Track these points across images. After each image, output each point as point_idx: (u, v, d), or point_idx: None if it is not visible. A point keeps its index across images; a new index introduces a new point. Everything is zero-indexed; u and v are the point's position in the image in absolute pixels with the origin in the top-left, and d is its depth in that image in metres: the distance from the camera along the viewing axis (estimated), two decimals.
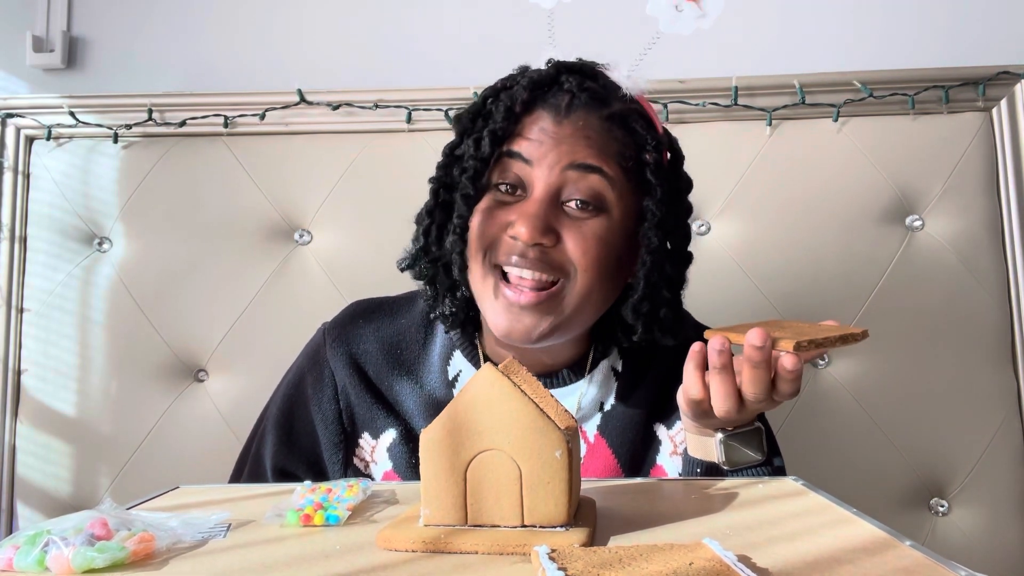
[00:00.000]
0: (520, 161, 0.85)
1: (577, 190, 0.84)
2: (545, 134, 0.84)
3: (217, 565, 0.52)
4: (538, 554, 0.48)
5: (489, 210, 0.86)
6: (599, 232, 0.84)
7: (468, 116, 0.90)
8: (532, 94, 0.86)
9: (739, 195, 1.44)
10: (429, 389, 0.96)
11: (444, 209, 0.90)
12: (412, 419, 0.96)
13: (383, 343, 0.98)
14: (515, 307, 0.83)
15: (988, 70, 1.42)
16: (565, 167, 0.83)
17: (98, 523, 0.53)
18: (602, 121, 0.85)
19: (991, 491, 1.38)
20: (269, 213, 1.48)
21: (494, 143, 0.85)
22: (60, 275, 1.47)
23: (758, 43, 1.54)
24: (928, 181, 1.43)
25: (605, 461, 0.94)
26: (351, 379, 0.97)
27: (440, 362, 0.97)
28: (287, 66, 1.57)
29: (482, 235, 0.86)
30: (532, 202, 0.83)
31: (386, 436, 0.96)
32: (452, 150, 0.91)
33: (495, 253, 0.85)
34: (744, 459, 0.81)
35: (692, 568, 0.46)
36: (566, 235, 0.84)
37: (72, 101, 1.49)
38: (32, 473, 1.43)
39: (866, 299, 1.42)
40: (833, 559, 0.50)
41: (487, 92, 0.90)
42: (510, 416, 0.55)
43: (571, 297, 0.85)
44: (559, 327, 0.86)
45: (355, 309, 1.02)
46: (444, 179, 0.90)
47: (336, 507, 0.62)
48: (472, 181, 0.86)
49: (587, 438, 0.95)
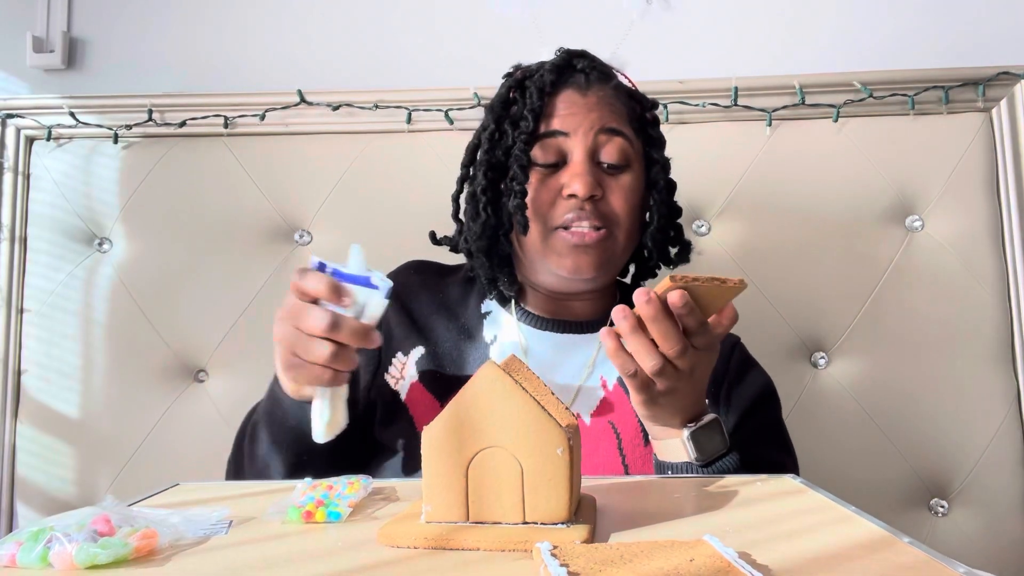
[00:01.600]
0: (559, 137, 0.99)
1: (608, 153, 0.99)
2: (576, 106, 1.00)
3: (219, 562, 0.52)
4: (540, 551, 0.48)
5: (539, 183, 1.00)
6: (631, 185, 1.01)
7: (499, 103, 1.04)
8: (557, 76, 1.01)
9: (739, 195, 1.45)
10: (462, 320, 1.08)
11: (492, 186, 1.01)
12: (441, 341, 1.06)
13: (428, 289, 1.11)
14: (580, 247, 0.98)
15: (988, 70, 1.42)
16: (598, 131, 0.99)
17: (101, 519, 0.54)
18: (612, 91, 1.03)
19: (991, 491, 1.38)
20: (269, 213, 1.48)
21: (535, 120, 0.99)
22: (60, 275, 1.47)
23: (758, 43, 1.54)
24: (928, 181, 1.43)
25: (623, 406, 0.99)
26: (393, 306, 1.06)
27: (476, 301, 1.10)
28: (287, 66, 1.57)
29: (538, 201, 0.99)
30: (578, 163, 0.98)
31: (415, 352, 1.05)
32: (492, 135, 1.02)
33: (552, 216, 0.99)
34: (713, 448, 0.83)
35: (693, 565, 0.46)
36: (608, 190, 0.99)
37: (72, 101, 1.49)
38: (32, 473, 1.43)
39: (866, 299, 1.42)
40: (833, 556, 0.50)
41: (510, 83, 1.04)
42: (512, 413, 0.55)
43: (619, 240, 1.01)
44: (612, 260, 1.02)
45: (410, 264, 1.16)
46: (492, 160, 1.01)
47: (337, 503, 0.63)
48: (525, 153, 0.99)
49: (606, 384, 1.02)
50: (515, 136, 1.00)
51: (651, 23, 1.53)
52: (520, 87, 1.03)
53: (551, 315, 1.07)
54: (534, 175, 1.00)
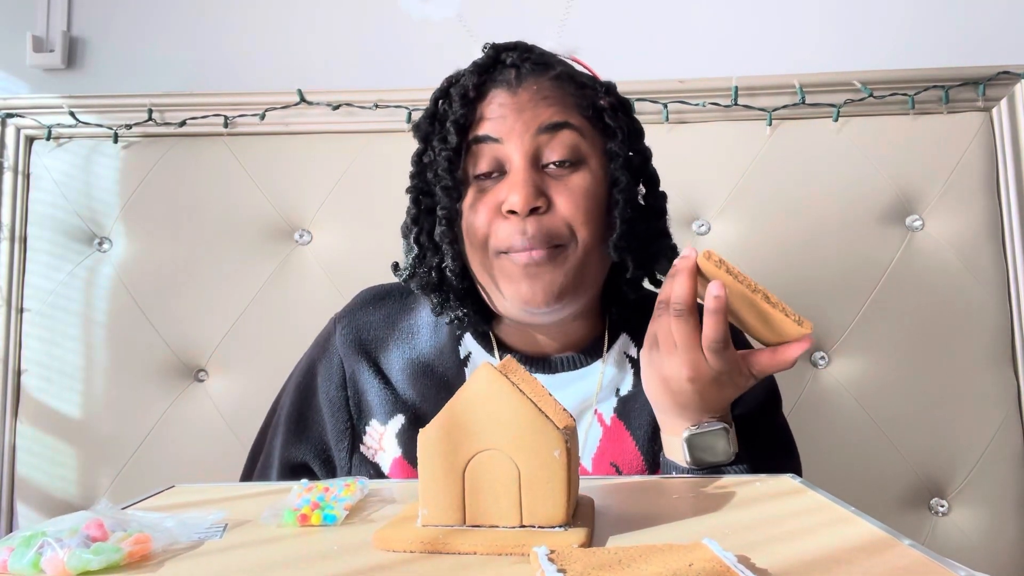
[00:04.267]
0: (490, 143, 0.87)
1: (553, 151, 0.86)
2: (505, 108, 0.87)
3: (214, 566, 0.52)
4: (537, 555, 0.48)
5: (475, 201, 0.88)
6: (584, 184, 0.87)
7: (426, 120, 0.92)
8: (481, 78, 0.89)
9: (739, 195, 1.44)
10: (440, 372, 0.96)
11: (428, 214, 0.91)
12: (421, 406, 0.95)
13: (393, 328, 0.99)
14: (531, 267, 0.85)
15: (988, 70, 1.42)
16: (535, 132, 0.86)
17: (94, 524, 0.53)
18: (552, 81, 0.89)
19: (991, 491, 1.37)
20: (269, 213, 1.48)
21: (459, 133, 0.87)
22: (60, 275, 1.47)
23: (758, 43, 1.54)
24: (928, 181, 1.43)
25: (624, 443, 0.93)
26: (360, 365, 0.97)
27: (451, 344, 0.98)
28: (287, 66, 1.57)
29: (476, 225, 0.87)
30: (515, 172, 0.86)
31: (394, 422, 0.95)
32: (420, 157, 0.93)
33: (495, 239, 0.87)
34: (713, 456, 0.80)
35: (692, 569, 0.45)
36: (556, 197, 0.86)
37: (72, 101, 1.49)
38: (32, 473, 1.43)
39: (866, 299, 1.41)
40: (832, 558, 0.50)
41: (436, 94, 0.93)
42: (508, 415, 0.55)
43: (577, 252, 0.87)
44: (573, 282, 0.87)
45: (365, 296, 1.04)
46: (420, 186, 0.92)
47: (333, 507, 0.62)
48: (449, 173, 0.87)
49: (603, 421, 0.94)
50: (440, 153, 0.88)
51: (651, 23, 1.53)
52: (446, 96, 0.91)
53: (535, 351, 0.96)
54: (470, 193, 0.88)
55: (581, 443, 0.93)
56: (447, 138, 0.88)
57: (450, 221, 0.88)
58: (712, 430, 0.80)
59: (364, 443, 0.96)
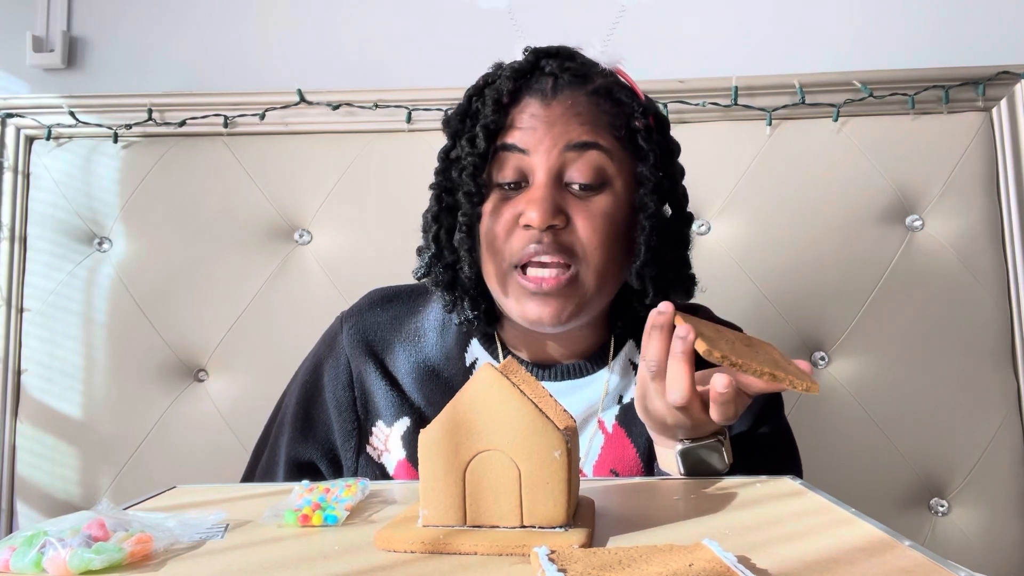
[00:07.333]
0: (517, 152, 0.86)
1: (578, 171, 0.85)
2: (537, 119, 0.86)
3: (215, 566, 0.52)
4: (538, 555, 0.48)
5: (496, 208, 0.87)
6: (606, 209, 0.86)
7: (457, 117, 0.91)
8: (516, 83, 0.88)
9: (739, 195, 1.44)
10: (446, 377, 0.96)
11: (450, 213, 0.90)
12: (426, 410, 0.95)
13: (400, 330, 0.99)
14: (540, 294, 0.85)
15: (988, 70, 1.42)
16: (563, 148, 0.85)
17: (95, 524, 0.53)
18: (588, 97, 0.87)
19: (991, 491, 1.38)
20: (269, 213, 1.48)
21: (488, 138, 0.86)
22: (60, 275, 1.47)
23: (758, 43, 1.54)
24: (928, 181, 1.43)
25: (625, 450, 0.93)
26: (367, 366, 0.97)
27: (458, 350, 0.97)
28: (287, 66, 1.57)
29: (494, 233, 0.87)
30: (537, 187, 0.85)
31: (400, 424, 0.95)
32: (447, 153, 0.92)
33: (510, 248, 0.86)
34: (708, 468, 0.79)
35: (692, 570, 0.46)
36: (575, 216, 0.85)
37: (72, 101, 1.49)
38: (32, 473, 1.43)
39: (866, 299, 1.41)
40: (833, 560, 0.50)
41: (470, 91, 0.91)
42: (509, 416, 0.55)
43: (588, 277, 0.86)
44: (583, 307, 0.87)
45: (373, 297, 1.03)
46: (445, 183, 0.91)
47: (334, 507, 0.62)
48: (472, 178, 0.87)
49: (605, 428, 0.94)
50: (466, 156, 0.87)
51: (651, 22, 1.53)
52: (481, 95, 0.89)
53: (542, 359, 0.96)
54: (492, 198, 0.88)
55: (584, 451, 0.93)
56: (475, 141, 0.87)
57: (470, 228, 0.88)
58: (706, 444, 0.79)
59: (371, 443, 0.97)
